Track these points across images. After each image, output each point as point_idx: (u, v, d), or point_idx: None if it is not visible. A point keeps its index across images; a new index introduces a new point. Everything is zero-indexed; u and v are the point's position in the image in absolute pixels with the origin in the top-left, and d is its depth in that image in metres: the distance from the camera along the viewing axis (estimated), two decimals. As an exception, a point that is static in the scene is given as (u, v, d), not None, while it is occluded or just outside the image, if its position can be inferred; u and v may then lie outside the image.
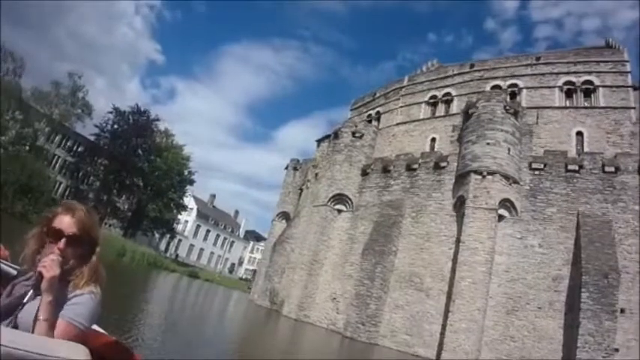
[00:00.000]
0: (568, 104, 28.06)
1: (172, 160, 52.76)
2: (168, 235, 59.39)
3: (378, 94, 37.99)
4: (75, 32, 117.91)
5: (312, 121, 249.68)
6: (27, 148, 39.56)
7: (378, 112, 36.78)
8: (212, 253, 79.00)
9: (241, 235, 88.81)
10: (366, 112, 38.55)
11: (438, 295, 22.52)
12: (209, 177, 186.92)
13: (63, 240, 1.61)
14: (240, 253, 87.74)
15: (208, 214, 78.24)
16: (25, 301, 1.54)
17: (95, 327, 1.77)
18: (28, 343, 1.27)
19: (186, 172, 56.33)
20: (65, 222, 1.64)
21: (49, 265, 1.53)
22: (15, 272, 1.81)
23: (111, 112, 48.46)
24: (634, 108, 25.17)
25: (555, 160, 23.13)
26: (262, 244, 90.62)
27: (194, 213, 71.43)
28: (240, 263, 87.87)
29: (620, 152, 22.91)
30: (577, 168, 22.48)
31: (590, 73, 27.91)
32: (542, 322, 20.74)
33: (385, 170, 27.67)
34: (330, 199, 28.98)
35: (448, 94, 32.03)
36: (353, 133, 30.38)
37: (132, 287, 22.10)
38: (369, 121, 35.60)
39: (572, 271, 20.78)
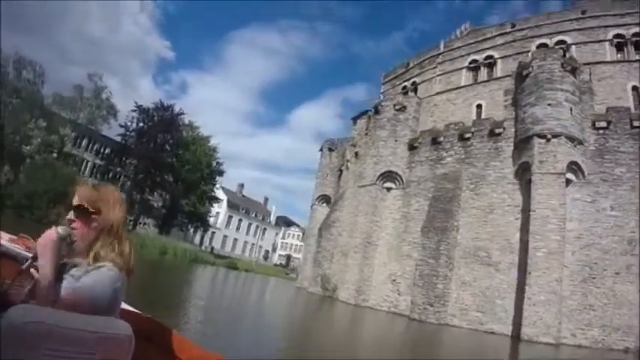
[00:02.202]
0: (619, 58, 26.92)
1: (200, 153, 52.62)
2: (202, 229, 59.53)
3: (411, 64, 36.95)
4: (81, 35, 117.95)
5: (324, 102, 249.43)
6: (55, 155, 39.60)
7: (414, 83, 35.82)
8: (246, 242, 79.37)
9: (272, 222, 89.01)
10: (400, 84, 37.57)
11: (508, 268, 21.81)
12: (228, 166, 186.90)
13: (71, 212, 1.71)
14: (273, 239, 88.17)
15: (238, 203, 78.31)
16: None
17: (127, 306, 1.81)
18: (72, 321, 1.33)
19: (214, 164, 56.20)
20: (74, 196, 1.74)
21: (45, 233, 1.60)
22: None
23: (134, 111, 48.25)
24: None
25: (619, 117, 22.12)
26: (293, 228, 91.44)
27: (224, 204, 71.39)
28: (274, 250, 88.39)
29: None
30: (643, 124, 21.48)
31: (638, 24, 26.64)
32: (621, 288, 20.02)
33: (435, 142, 26.77)
34: (378, 178, 28.26)
35: (490, 57, 30.90)
36: (395, 106, 29.43)
37: (188, 283, 22.07)
38: (405, 93, 34.64)
39: (649, 233, 19.93)
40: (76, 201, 1.72)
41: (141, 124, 47.97)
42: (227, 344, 8.35)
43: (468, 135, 25.34)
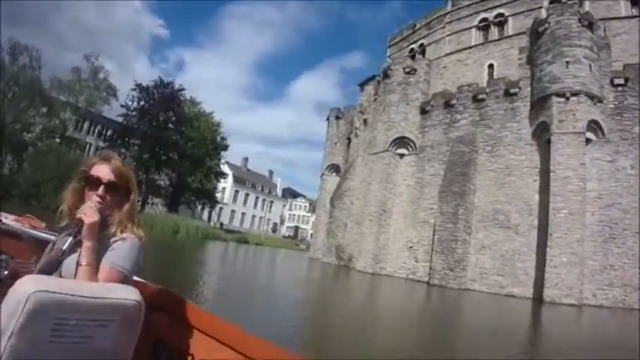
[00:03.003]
0: (634, 13, 26.19)
1: (204, 129, 52.28)
2: (209, 205, 59.75)
3: (418, 26, 36.21)
4: (76, 21, 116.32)
5: (322, 72, 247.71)
6: (58, 140, 39.42)
7: (421, 45, 35.18)
8: (254, 216, 79.72)
9: (279, 194, 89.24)
10: (407, 46, 36.94)
11: (527, 230, 21.88)
12: (230, 141, 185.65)
13: (102, 187, 1.68)
14: (280, 211, 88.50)
15: (244, 177, 78.28)
16: (64, 247, 1.58)
17: (135, 277, 1.77)
18: (81, 289, 1.33)
19: (218, 139, 55.93)
20: (103, 170, 1.71)
21: (88, 211, 1.58)
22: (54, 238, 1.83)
23: (134, 90, 47.53)
24: None
25: (636, 74, 21.78)
26: (300, 200, 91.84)
27: (230, 179, 71.23)
28: (282, 222, 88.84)
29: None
30: (660, 81, 21.26)
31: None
32: (641, 248, 20.09)
33: (448, 105, 26.53)
34: (390, 144, 28.11)
35: (500, 14, 30.12)
36: (404, 69, 29.02)
37: (204, 259, 22.34)
38: (412, 56, 34.03)
39: (669, 191, 19.96)
40: (109, 176, 1.71)
41: (142, 103, 47.37)
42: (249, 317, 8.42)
43: (482, 96, 25.04)
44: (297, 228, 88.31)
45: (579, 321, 16.65)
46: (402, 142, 28.08)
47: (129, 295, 1.42)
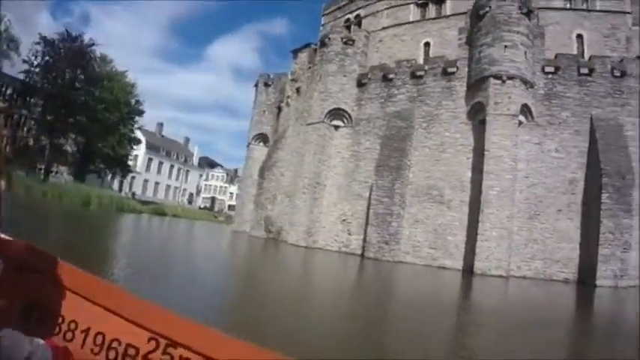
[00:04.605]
0: (566, 5, 27.93)
1: (117, 90, 48.95)
2: (120, 174, 56.74)
3: (356, -4, 36.17)
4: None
5: (243, 37, 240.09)
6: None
7: (357, 16, 35.19)
8: (168, 185, 77.15)
9: (195, 164, 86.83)
10: (343, 16, 36.77)
11: (459, 206, 23.25)
12: (143, 106, 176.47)
13: None
14: (197, 181, 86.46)
15: (158, 144, 75.06)
16: None
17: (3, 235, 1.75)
18: None
19: (133, 102, 52.87)
20: None
21: None
22: None
23: (38, 43, 42.60)
24: (630, 13, 25.64)
25: (567, 63, 23.69)
26: (217, 170, 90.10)
27: (143, 145, 67.95)
28: (198, 193, 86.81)
29: (626, 57, 23.80)
30: (588, 71, 23.21)
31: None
32: (561, 224, 22.39)
33: (386, 79, 27.07)
34: (325, 115, 28.30)
35: (439, -7, 30.93)
36: (342, 40, 29.15)
37: (128, 233, 21.41)
38: (348, 27, 34.16)
39: (588, 174, 22.20)
40: None
41: (46, 59, 42.90)
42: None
43: (420, 73, 25.86)
44: (213, 199, 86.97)
45: (507, 291, 18.11)
46: (337, 113, 28.34)
47: None
